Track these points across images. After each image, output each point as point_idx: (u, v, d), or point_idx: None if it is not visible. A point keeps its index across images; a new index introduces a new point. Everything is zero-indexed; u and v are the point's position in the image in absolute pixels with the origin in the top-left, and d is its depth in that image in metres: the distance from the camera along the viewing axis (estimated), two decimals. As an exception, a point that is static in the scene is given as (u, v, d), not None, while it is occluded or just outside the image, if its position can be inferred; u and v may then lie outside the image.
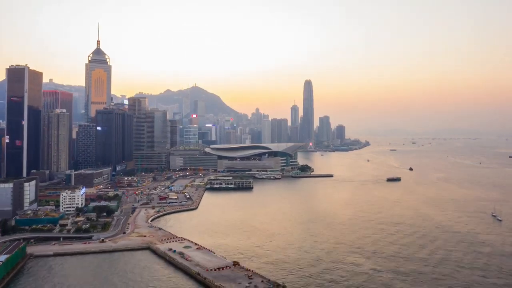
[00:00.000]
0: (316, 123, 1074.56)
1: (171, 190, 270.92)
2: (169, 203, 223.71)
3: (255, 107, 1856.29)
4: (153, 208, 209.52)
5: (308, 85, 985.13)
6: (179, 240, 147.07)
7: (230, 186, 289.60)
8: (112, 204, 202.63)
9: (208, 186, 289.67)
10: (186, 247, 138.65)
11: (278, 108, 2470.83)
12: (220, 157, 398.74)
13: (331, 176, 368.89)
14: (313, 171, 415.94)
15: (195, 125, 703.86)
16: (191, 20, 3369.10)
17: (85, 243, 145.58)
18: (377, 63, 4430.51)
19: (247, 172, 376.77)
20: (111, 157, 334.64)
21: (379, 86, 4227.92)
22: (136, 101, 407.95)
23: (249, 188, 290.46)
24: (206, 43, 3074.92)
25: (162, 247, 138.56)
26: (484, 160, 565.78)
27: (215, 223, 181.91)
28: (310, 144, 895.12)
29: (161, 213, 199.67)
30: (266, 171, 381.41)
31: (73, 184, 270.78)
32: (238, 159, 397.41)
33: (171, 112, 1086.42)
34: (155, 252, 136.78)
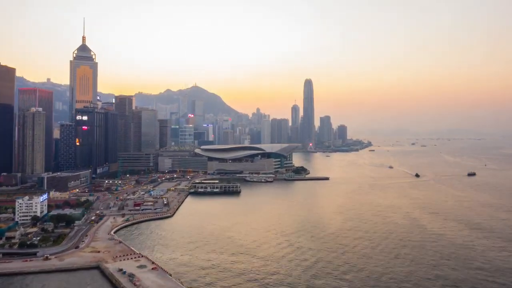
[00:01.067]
0: (317, 123, 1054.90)
1: (150, 195, 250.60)
2: (142, 210, 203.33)
3: (256, 107, 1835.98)
4: (123, 216, 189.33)
5: (308, 84, 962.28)
6: (135, 258, 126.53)
7: (215, 190, 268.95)
8: (76, 212, 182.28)
9: (192, 191, 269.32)
10: (140, 266, 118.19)
11: (279, 108, 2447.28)
12: (210, 159, 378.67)
13: (326, 179, 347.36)
14: (308, 173, 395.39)
15: (191, 125, 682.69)
16: (191, 19, 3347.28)
17: (26, 260, 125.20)
18: (380, 62, 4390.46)
19: (237, 175, 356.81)
20: (92, 159, 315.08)
21: (383, 87, 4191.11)
22: (122, 100, 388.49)
23: (236, 193, 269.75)
24: (207, 43, 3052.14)
25: (113, 266, 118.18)
26: (489, 162, 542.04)
27: (187, 235, 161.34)
28: (310, 144, 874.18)
29: (129, 222, 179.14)
30: (258, 173, 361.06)
31: (45, 188, 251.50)
32: (230, 161, 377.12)
33: (169, 112, 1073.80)
34: (103, 272, 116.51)
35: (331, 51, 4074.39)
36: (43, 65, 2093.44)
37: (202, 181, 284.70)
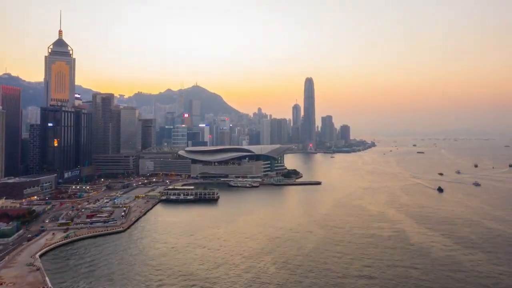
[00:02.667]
0: (319, 123, 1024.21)
1: (114, 203, 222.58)
2: (91, 223, 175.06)
3: (257, 106, 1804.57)
4: (65, 232, 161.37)
5: (309, 83, 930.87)
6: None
7: (189, 197, 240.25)
8: (7, 227, 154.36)
9: (163, 198, 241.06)
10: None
11: (281, 108, 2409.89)
12: (194, 161, 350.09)
13: (318, 183, 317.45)
14: (301, 176, 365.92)
15: (184, 125, 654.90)
16: (191, 18, 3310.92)
17: None
18: (384, 62, 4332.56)
19: (222, 179, 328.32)
20: (60, 162, 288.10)
21: (387, 86, 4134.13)
22: (100, 98, 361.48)
23: (212, 200, 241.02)
24: (208, 43, 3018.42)
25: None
26: (497, 165, 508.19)
27: (130, 258, 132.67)
28: (310, 145, 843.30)
29: (68, 240, 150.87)
30: (245, 177, 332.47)
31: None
32: (216, 163, 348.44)
33: (166, 111, 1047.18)
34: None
35: (334, 50, 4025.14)
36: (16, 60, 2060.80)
37: (175, 187, 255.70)
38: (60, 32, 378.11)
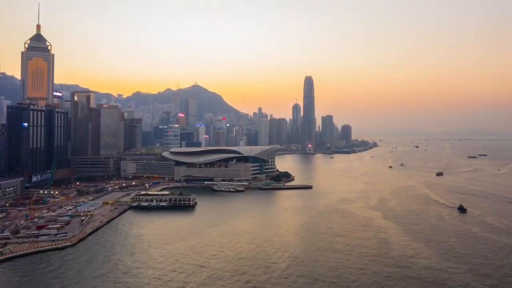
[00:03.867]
0: (319, 123, 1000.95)
1: (77, 210, 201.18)
2: (37, 236, 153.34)
3: (258, 106, 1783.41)
4: (4, 246, 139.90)
5: (308, 82, 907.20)
6: None
7: (162, 204, 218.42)
8: None
9: (134, 204, 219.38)
10: None
11: (282, 108, 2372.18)
12: (178, 163, 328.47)
13: (309, 187, 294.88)
14: (292, 179, 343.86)
15: (177, 125, 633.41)
16: (191, 17, 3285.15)
17: None
18: (387, 61, 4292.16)
19: (206, 182, 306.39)
20: (28, 164, 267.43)
21: (390, 86, 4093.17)
22: (78, 96, 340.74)
23: (188, 207, 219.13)
24: (208, 42, 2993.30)
25: None
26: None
27: (57, 284, 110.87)
28: (310, 145, 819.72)
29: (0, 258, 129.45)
30: (232, 180, 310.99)
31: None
32: (203, 166, 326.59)
33: (162, 111, 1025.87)
34: None
35: (335, 49, 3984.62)
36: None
37: (148, 193, 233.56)
38: (38, 26, 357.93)
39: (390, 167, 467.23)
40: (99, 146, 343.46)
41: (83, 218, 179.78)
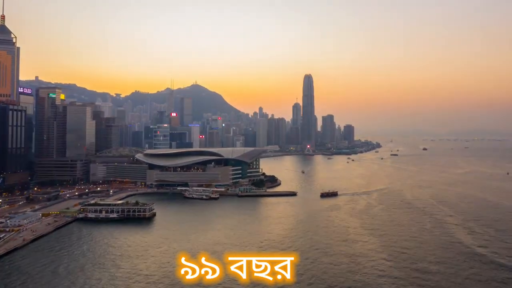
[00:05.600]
0: (320, 123, 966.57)
1: (7, 224, 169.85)
2: None
3: (259, 106, 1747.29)
4: None
5: (308, 80, 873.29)
6: None
7: (112, 216, 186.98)
8: None
9: (80, 216, 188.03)
10: None
11: (284, 107, 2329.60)
12: (151, 166, 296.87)
13: (293, 194, 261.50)
14: (278, 184, 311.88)
15: (166, 125, 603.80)
16: (190, 17, 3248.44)
17: None
18: (392, 60, 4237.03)
19: (179, 188, 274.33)
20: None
21: (393, 85, 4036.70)
22: (42, 92, 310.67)
23: (143, 219, 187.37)
24: (208, 42, 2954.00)
25: None
26: None
27: None
28: (308, 146, 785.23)
29: None
30: (210, 185, 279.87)
31: None
32: (178, 169, 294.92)
33: (158, 110, 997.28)
34: None
35: (336, 49, 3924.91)
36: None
37: (97, 202, 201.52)
38: (3, 17, 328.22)
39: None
40: (65, 147, 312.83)
41: (2, 235, 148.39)
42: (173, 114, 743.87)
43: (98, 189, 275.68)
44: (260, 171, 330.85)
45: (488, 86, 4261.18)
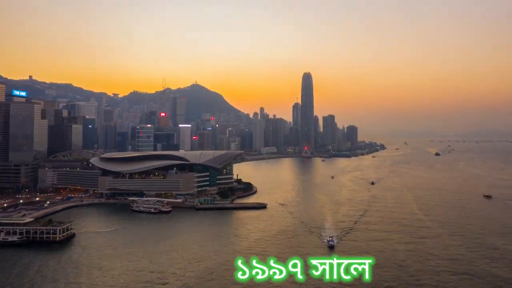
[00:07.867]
0: (321, 124, 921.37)
1: None
2: None
3: (260, 106, 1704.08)
4: None
5: (307, 79, 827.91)
6: None
7: (11, 239, 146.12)
8: None
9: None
10: None
11: (285, 107, 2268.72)
12: (105, 172, 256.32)
13: (263, 207, 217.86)
14: (254, 192, 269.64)
15: (149, 125, 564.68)
16: (190, 16, 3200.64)
17: None
18: (396, 60, 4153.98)
19: (131, 198, 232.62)
20: None
21: (396, 85, 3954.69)
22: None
23: (53, 243, 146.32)
24: (207, 41, 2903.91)
25: None
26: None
27: None
28: (306, 148, 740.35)
29: None
30: (170, 194, 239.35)
31: None
32: (136, 175, 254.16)
33: (150, 110, 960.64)
34: None
35: (337, 49, 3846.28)
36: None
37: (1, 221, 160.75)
38: None
39: None
40: (7, 150, 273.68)
41: None
42: (162, 114, 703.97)
43: (37, 199, 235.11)
44: (235, 177, 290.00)
45: (493, 86, 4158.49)
